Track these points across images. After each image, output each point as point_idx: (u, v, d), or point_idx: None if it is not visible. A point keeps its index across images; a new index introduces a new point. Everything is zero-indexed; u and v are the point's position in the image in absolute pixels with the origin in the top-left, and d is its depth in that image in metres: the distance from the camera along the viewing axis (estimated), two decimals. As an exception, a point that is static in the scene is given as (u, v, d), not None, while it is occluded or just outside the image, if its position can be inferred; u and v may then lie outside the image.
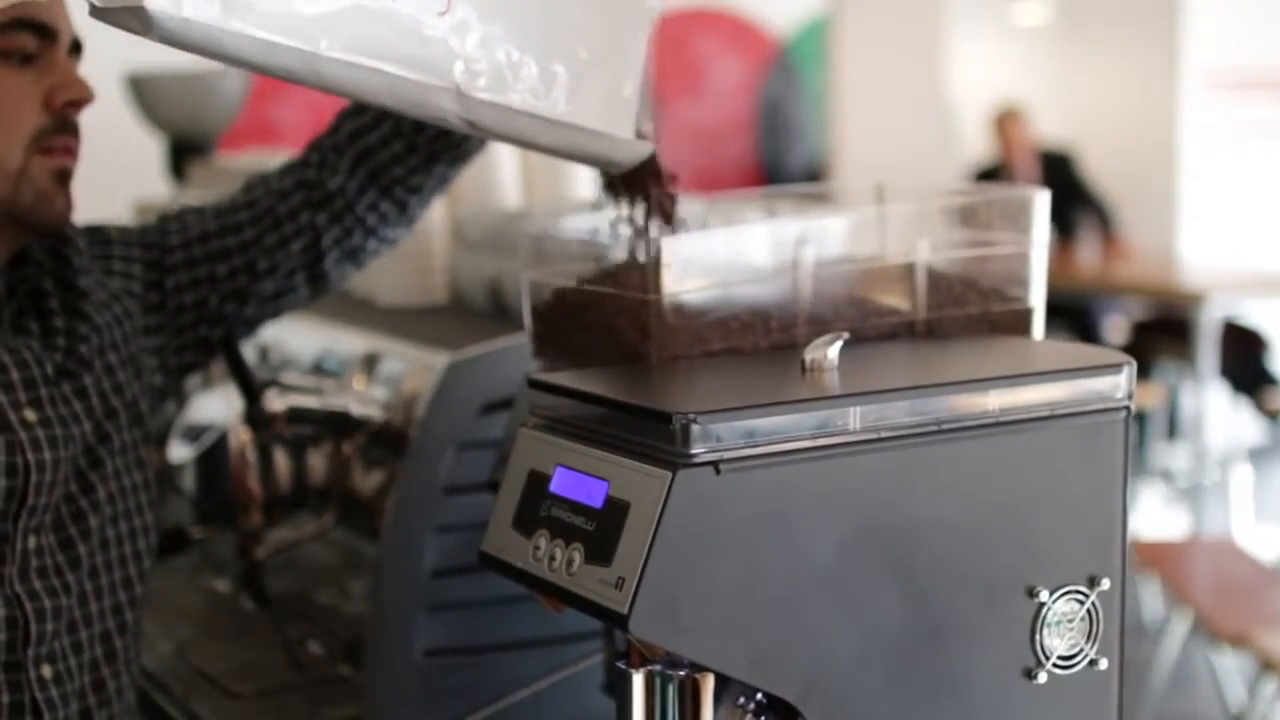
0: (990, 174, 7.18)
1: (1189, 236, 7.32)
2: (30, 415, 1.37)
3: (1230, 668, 3.99)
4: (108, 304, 1.48)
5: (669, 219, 1.27)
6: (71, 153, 1.41)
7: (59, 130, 1.39)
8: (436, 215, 2.04)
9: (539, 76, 1.21)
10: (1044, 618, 1.16)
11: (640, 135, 1.28)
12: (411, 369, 1.68)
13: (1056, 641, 1.17)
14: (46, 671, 1.36)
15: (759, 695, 1.13)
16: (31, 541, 1.36)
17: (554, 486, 1.10)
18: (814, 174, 7.89)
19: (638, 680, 1.13)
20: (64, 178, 1.41)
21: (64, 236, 1.48)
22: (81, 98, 1.39)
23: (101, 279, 1.50)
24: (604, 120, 1.25)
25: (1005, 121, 7.17)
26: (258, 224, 1.55)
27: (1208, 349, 5.63)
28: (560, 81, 1.23)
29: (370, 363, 1.77)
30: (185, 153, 3.16)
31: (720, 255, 1.22)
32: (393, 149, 1.51)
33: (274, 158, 2.90)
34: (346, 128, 1.54)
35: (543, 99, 1.22)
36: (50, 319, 1.44)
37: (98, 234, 1.54)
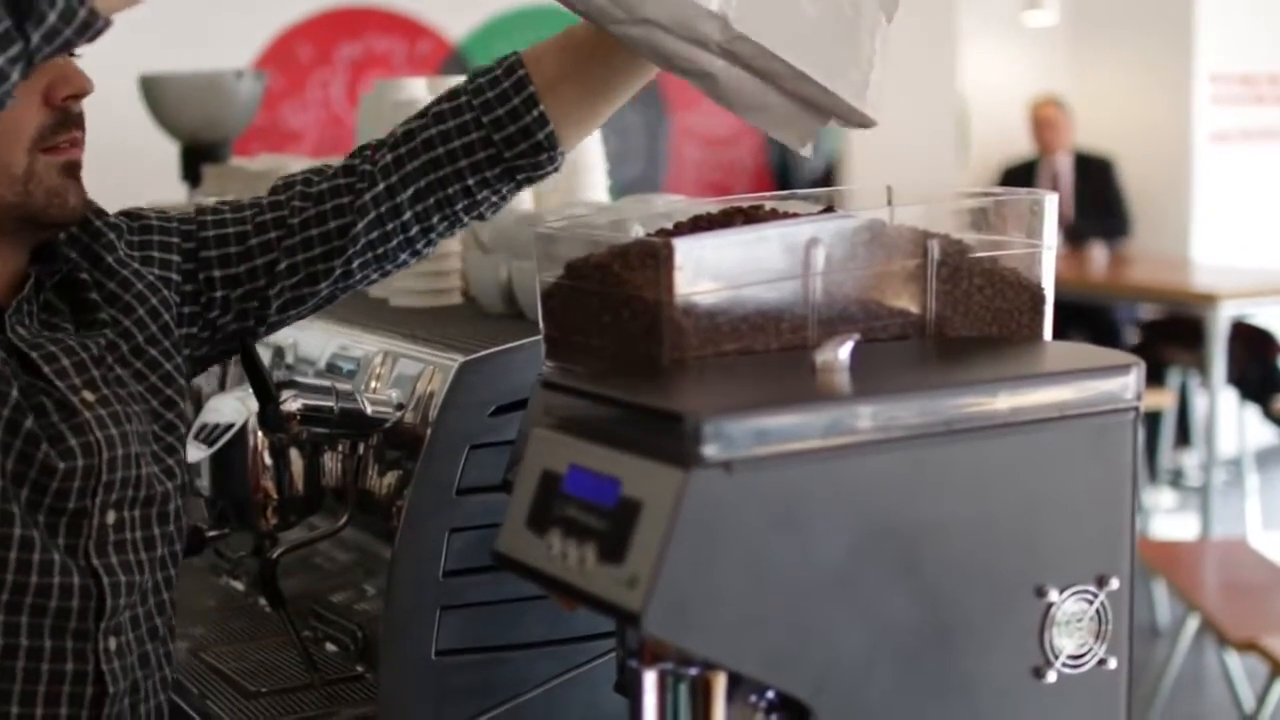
0: (1023, 171, 7.14)
1: (1202, 240, 7.31)
2: (89, 396, 1.40)
3: (1242, 669, 3.99)
4: (148, 294, 1.49)
5: None
6: (78, 144, 1.42)
7: (61, 125, 1.39)
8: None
9: (795, 29, 1.35)
10: (1053, 617, 1.17)
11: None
12: (426, 370, 1.69)
13: (1065, 641, 1.18)
14: (112, 644, 1.41)
15: (770, 693, 1.14)
16: (111, 516, 1.40)
17: (567, 486, 1.11)
18: (825, 177, 7.89)
19: (650, 678, 1.14)
20: (73, 170, 1.41)
21: (96, 230, 1.49)
22: (81, 90, 1.40)
23: (140, 268, 1.51)
24: (846, 87, 1.38)
25: (1046, 110, 7.11)
26: (282, 227, 1.55)
27: (1219, 352, 5.62)
28: (813, 37, 1.36)
29: (385, 364, 1.78)
30: (199, 156, 3.17)
31: (732, 257, 1.23)
32: (476, 157, 1.51)
33: (289, 161, 2.91)
34: (427, 133, 1.52)
35: (793, 51, 1.35)
36: (91, 309, 1.46)
37: (138, 219, 1.55)
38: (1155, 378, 6.23)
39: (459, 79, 2.47)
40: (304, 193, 1.56)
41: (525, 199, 2.11)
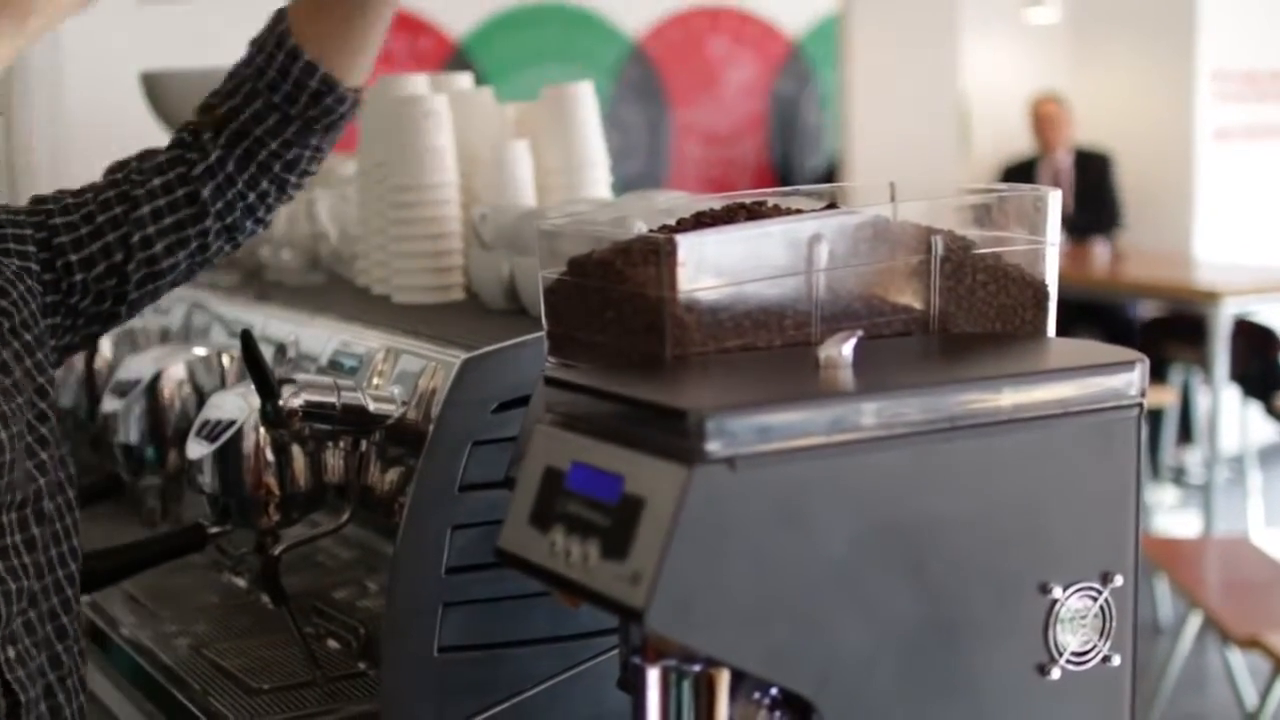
0: (1023, 168, 7.14)
1: (1204, 237, 7.31)
2: None
3: (1244, 666, 3.99)
4: (15, 281, 1.49)
5: None
6: None
7: None
8: (453, 214, 2.05)
9: None
10: (1057, 614, 1.17)
11: None
12: (428, 367, 1.69)
13: (1069, 638, 1.18)
14: (11, 652, 1.38)
15: (773, 690, 1.14)
16: None
17: (570, 483, 1.11)
18: (826, 174, 7.89)
19: (653, 675, 1.14)
20: None
21: None
22: None
23: (1, 260, 1.50)
24: None
25: (1046, 107, 7.13)
26: (126, 201, 1.56)
27: (1222, 350, 5.62)
28: None
29: (387, 360, 1.78)
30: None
31: (734, 253, 1.23)
32: (267, 123, 1.57)
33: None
34: (222, 108, 1.58)
35: None
36: None
37: None
38: (1158, 375, 6.22)
39: (461, 76, 2.47)
40: (140, 167, 1.59)
41: (527, 194, 2.10)
